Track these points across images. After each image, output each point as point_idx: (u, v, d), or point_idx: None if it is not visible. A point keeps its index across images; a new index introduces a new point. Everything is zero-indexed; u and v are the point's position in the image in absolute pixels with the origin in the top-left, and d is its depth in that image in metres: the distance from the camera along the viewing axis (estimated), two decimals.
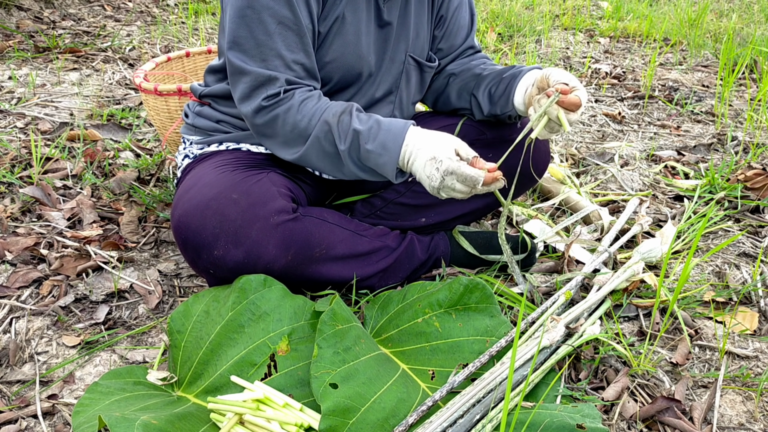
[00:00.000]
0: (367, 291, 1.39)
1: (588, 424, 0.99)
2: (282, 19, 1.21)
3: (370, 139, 1.21)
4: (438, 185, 1.18)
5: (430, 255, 1.48)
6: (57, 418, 1.12)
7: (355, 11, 1.30)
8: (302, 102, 1.24)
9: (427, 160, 1.18)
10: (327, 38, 1.30)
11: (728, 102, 2.75)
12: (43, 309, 1.36)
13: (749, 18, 4.35)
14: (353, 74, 1.35)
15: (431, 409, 1.05)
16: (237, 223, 1.19)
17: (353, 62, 1.33)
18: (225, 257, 1.19)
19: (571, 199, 1.83)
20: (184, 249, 1.23)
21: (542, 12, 4.22)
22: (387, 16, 1.35)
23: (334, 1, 1.27)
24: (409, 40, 1.41)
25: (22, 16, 3.34)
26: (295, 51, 1.24)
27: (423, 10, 1.43)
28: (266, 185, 1.25)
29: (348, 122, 1.22)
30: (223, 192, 1.21)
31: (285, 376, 1.10)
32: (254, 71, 1.23)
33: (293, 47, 1.23)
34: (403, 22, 1.39)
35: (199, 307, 1.20)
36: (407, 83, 1.47)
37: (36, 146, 1.93)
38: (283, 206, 1.23)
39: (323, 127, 1.23)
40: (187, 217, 1.20)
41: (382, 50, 1.38)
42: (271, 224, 1.21)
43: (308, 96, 1.25)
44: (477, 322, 1.22)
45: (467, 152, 1.20)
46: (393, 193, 1.51)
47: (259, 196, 1.22)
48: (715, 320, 1.40)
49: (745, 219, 1.83)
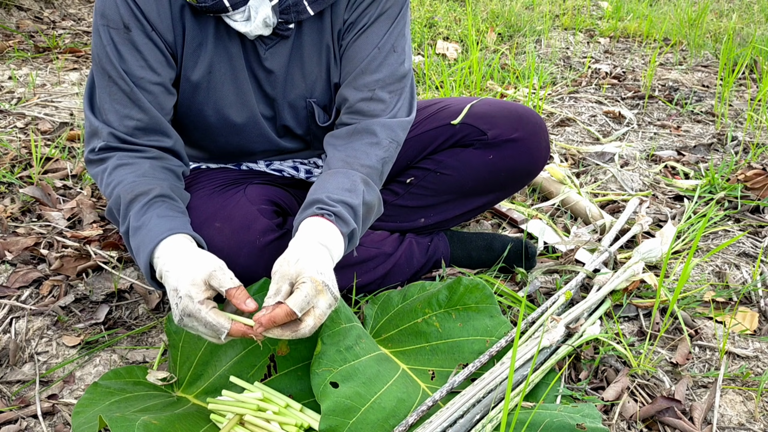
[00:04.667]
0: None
1: (588, 424, 0.99)
2: (111, 71, 1.13)
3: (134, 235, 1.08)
4: (178, 323, 0.99)
5: (429, 257, 1.47)
6: (57, 418, 1.12)
7: (229, 60, 1.20)
8: (115, 168, 1.14)
9: (170, 290, 0.99)
10: (199, 90, 1.21)
11: (728, 102, 2.75)
12: (43, 309, 1.36)
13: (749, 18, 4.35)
14: (242, 127, 1.27)
15: (431, 409, 1.05)
16: (224, 252, 1.13)
17: (236, 115, 1.25)
18: None
19: (571, 199, 1.83)
20: None
21: (542, 12, 4.22)
22: (271, 64, 1.23)
23: (196, 51, 1.18)
24: (305, 86, 1.27)
25: (22, 16, 3.34)
26: (128, 105, 1.15)
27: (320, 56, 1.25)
28: (246, 207, 1.22)
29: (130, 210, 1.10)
30: (206, 222, 1.19)
31: (285, 376, 1.10)
32: (88, 118, 1.18)
33: (125, 100, 1.15)
34: (295, 67, 1.25)
35: None
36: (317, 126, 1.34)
37: (36, 146, 1.93)
38: (266, 226, 1.20)
39: (117, 200, 1.12)
40: None
41: (273, 99, 1.27)
42: (258, 247, 1.18)
43: (126, 163, 1.15)
44: (477, 322, 1.22)
45: (221, 282, 0.98)
46: (391, 195, 1.51)
47: (241, 221, 1.19)
48: (715, 320, 1.40)
49: (745, 219, 1.82)
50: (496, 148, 1.45)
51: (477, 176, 1.46)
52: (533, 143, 1.47)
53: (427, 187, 1.49)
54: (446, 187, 1.47)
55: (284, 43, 1.22)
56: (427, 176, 1.49)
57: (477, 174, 1.46)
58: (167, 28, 1.15)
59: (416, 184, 1.49)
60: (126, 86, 1.14)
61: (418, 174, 1.50)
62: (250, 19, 1.14)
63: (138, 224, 1.07)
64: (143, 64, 1.14)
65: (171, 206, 1.11)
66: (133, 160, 1.15)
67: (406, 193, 1.50)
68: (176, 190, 1.18)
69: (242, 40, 1.20)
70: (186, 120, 1.27)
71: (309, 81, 1.27)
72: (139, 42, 1.13)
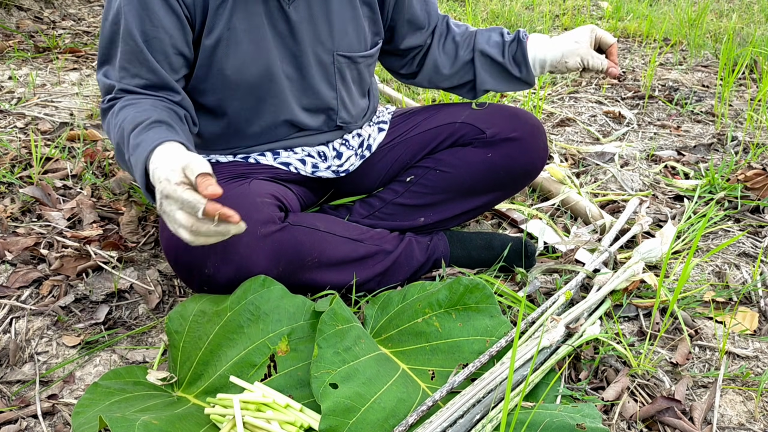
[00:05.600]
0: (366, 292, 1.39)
1: (588, 424, 0.99)
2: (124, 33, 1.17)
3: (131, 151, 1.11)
4: (159, 210, 1.03)
5: (429, 256, 1.47)
6: (57, 418, 1.12)
7: (248, 18, 1.22)
8: (120, 109, 1.17)
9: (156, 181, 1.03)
10: (218, 50, 1.23)
11: (728, 102, 2.75)
12: (43, 309, 1.36)
13: (749, 18, 4.35)
14: (264, 85, 1.29)
15: (431, 409, 1.05)
16: (224, 241, 1.13)
17: (257, 75, 1.26)
18: (216, 275, 1.18)
19: (571, 199, 1.83)
20: (176, 269, 1.23)
21: (542, 12, 4.22)
22: (295, 17, 1.25)
23: (216, 12, 1.20)
24: (333, 38, 1.32)
25: (22, 16, 3.34)
26: (137, 64, 1.19)
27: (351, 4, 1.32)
28: (249, 197, 1.23)
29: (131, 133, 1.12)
30: None
31: (285, 376, 1.10)
32: (99, 80, 1.23)
33: (134, 59, 1.19)
34: (319, 21, 1.28)
35: (196, 308, 1.19)
36: (344, 83, 1.40)
37: (36, 146, 1.93)
38: (268, 217, 1.21)
39: (120, 132, 1.15)
40: (175, 239, 1.16)
41: (298, 55, 1.30)
42: (258, 236, 1.19)
43: (132, 103, 1.18)
44: (477, 322, 1.22)
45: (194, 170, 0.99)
46: (391, 193, 1.51)
47: (243, 210, 1.18)
48: (715, 320, 1.40)
49: (745, 219, 1.83)
50: (495, 147, 1.46)
51: (476, 174, 1.47)
52: (531, 143, 1.48)
53: (427, 185, 1.49)
54: (446, 185, 1.48)
55: None
56: (426, 174, 1.49)
57: (476, 172, 1.47)
58: None
59: (416, 183, 1.50)
60: (137, 47, 1.17)
61: (417, 172, 1.51)
62: None
63: (136, 142, 1.08)
64: (157, 24, 1.17)
65: (169, 128, 1.12)
66: (137, 101, 1.18)
67: (406, 192, 1.50)
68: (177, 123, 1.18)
69: None
70: (204, 83, 1.28)
71: (336, 34, 1.30)
72: (155, 3, 1.15)
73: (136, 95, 1.20)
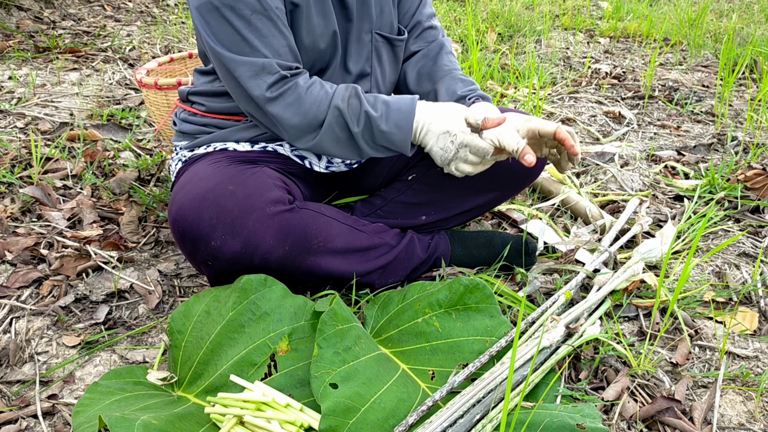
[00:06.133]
0: (367, 291, 1.39)
1: (588, 424, 0.99)
2: (252, 7, 1.19)
3: (383, 120, 1.23)
4: (451, 156, 1.24)
5: (430, 254, 1.48)
6: (57, 418, 1.12)
7: None
8: (308, 89, 1.24)
9: (440, 134, 1.23)
10: (294, 20, 1.28)
11: (728, 102, 2.75)
12: (43, 309, 1.36)
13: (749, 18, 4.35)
14: (323, 59, 1.34)
15: (431, 409, 1.05)
16: (233, 214, 1.18)
17: (321, 46, 1.32)
18: (222, 248, 1.19)
19: (571, 199, 1.83)
20: (182, 241, 1.23)
21: (542, 12, 4.22)
22: None
23: None
24: (373, 17, 1.38)
25: (22, 16, 3.34)
26: (276, 35, 1.22)
27: None
28: (262, 177, 1.26)
29: (357, 105, 1.24)
30: (220, 184, 1.21)
31: (285, 376, 1.10)
32: (246, 62, 1.21)
33: (273, 32, 1.22)
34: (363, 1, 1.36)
35: (199, 307, 1.20)
36: (379, 62, 1.45)
37: (36, 146, 1.93)
38: (279, 197, 1.23)
39: (334, 112, 1.24)
40: (184, 210, 1.20)
41: (346, 31, 1.36)
42: (268, 214, 1.21)
43: (311, 82, 1.25)
44: (477, 322, 1.22)
45: (476, 117, 1.23)
46: (393, 191, 1.52)
47: (255, 187, 1.22)
48: (715, 320, 1.40)
49: (745, 219, 1.83)
50: None
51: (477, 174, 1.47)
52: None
53: (428, 183, 1.50)
54: (447, 183, 1.48)
55: None
56: (428, 172, 1.50)
57: None
58: None
59: (417, 181, 1.50)
60: (272, 15, 1.21)
61: (419, 171, 1.51)
62: None
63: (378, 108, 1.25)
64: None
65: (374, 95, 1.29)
66: (311, 80, 1.27)
67: (407, 189, 1.50)
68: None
69: None
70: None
71: (376, 14, 1.39)
72: None
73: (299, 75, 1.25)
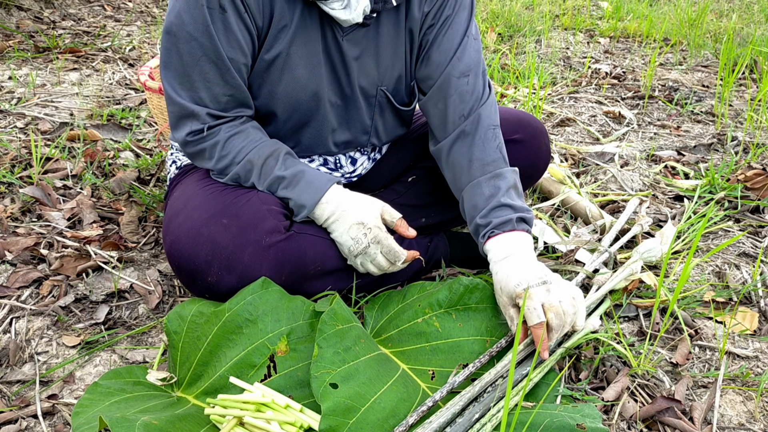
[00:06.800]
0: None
1: (588, 424, 0.99)
2: (205, 50, 1.16)
3: (289, 185, 1.23)
4: (361, 250, 1.21)
5: (429, 257, 1.47)
6: (57, 418, 1.12)
7: (306, 45, 1.23)
8: (228, 139, 1.24)
9: (353, 224, 1.21)
10: (273, 70, 1.24)
11: (728, 102, 2.75)
12: (43, 309, 1.36)
13: (749, 18, 4.35)
14: (309, 110, 1.30)
15: (431, 409, 1.05)
16: (229, 249, 1.16)
17: (305, 99, 1.28)
18: (219, 283, 1.18)
19: (571, 199, 1.83)
20: (179, 274, 1.22)
21: (542, 12, 4.22)
22: (348, 50, 1.27)
23: (278, 34, 1.21)
24: (378, 74, 1.33)
25: (22, 16, 3.34)
26: (221, 84, 1.20)
27: (399, 40, 1.31)
28: (256, 205, 1.22)
29: (272, 167, 1.24)
30: (214, 217, 1.19)
31: (284, 377, 1.10)
32: (179, 102, 1.21)
33: (218, 81, 1.20)
34: (369, 55, 1.30)
35: (194, 308, 1.19)
36: (381, 117, 1.41)
37: (36, 146, 1.93)
38: (273, 226, 1.20)
39: (246, 165, 1.24)
40: (179, 245, 1.19)
41: (344, 86, 1.31)
42: (263, 246, 1.18)
43: (236, 132, 1.24)
44: (477, 322, 1.22)
45: (392, 215, 1.24)
46: (393, 193, 1.51)
47: (249, 219, 1.19)
48: (715, 320, 1.40)
49: (745, 219, 1.83)
50: None
51: None
52: (533, 146, 1.48)
53: (429, 185, 1.49)
54: (447, 185, 1.48)
55: (361, 30, 1.26)
56: (428, 174, 1.49)
57: None
58: (258, 11, 1.18)
59: (418, 183, 1.50)
60: (221, 65, 1.18)
61: (419, 173, 1.51)
62: (349, 7, 1.18)
63: (291, 175, 1.23)
64: (234, 45, 1.18)
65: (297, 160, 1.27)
66: (238, 128, 1.25)
67: (407, 192, 1.50)
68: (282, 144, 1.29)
69: (322, 25, 1.23)
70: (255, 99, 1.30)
71: (381, 69, 1.33)
72: (232, 23, 1.16)
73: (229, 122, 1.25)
